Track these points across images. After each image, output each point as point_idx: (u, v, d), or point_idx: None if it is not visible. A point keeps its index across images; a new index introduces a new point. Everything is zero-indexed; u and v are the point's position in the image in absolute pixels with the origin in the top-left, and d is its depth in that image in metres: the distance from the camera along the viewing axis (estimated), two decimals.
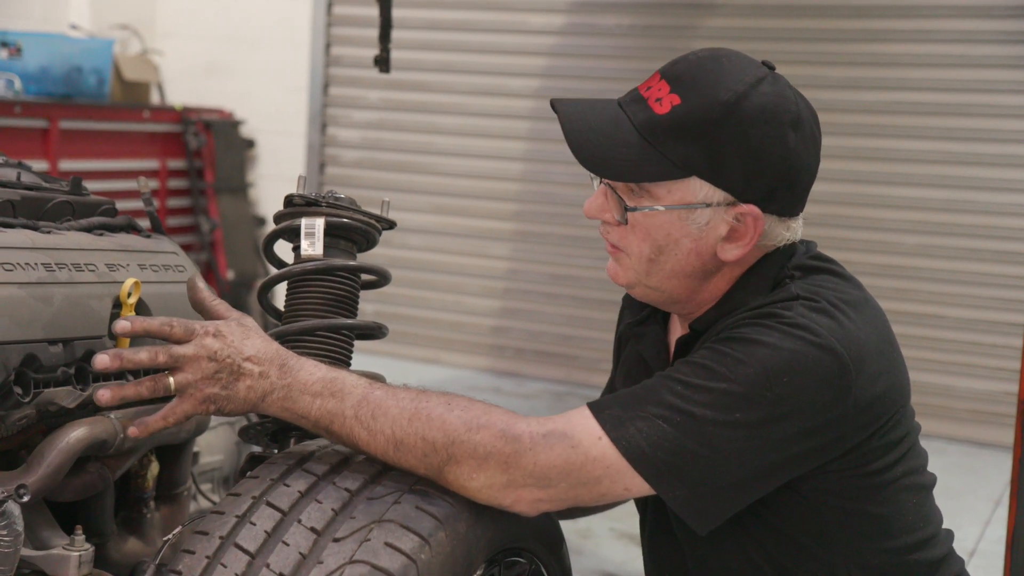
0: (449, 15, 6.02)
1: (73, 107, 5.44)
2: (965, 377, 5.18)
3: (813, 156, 1.61)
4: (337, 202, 1.82)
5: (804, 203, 1.65)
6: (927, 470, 1.71)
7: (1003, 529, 3.37)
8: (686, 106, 1.55)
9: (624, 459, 1.47)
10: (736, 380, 1.47)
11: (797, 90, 1.61)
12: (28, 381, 1.62)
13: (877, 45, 5.22)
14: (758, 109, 1.54)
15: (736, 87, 1.54)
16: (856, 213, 5.29)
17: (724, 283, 1.64)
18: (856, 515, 1.60)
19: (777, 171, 1.56)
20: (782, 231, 1.63)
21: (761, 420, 1.47)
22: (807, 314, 1.53)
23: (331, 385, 1.53)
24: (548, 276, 5.89)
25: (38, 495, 1.63)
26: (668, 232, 1.59)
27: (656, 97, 1.58)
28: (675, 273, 1.62)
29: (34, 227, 1.77)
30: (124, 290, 1.77)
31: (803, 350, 1.49)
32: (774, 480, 1.54)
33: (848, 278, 1.65)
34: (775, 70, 1.61)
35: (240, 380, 1.52)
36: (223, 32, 6.44)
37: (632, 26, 5.67)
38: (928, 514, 1.69)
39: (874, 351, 1.55)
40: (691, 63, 1.59)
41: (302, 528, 1.45)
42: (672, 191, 1.57)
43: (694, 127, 1.54)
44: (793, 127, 1.56)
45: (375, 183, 6.17)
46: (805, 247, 1.69)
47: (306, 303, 1.79)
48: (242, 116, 6.40)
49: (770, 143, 1.54)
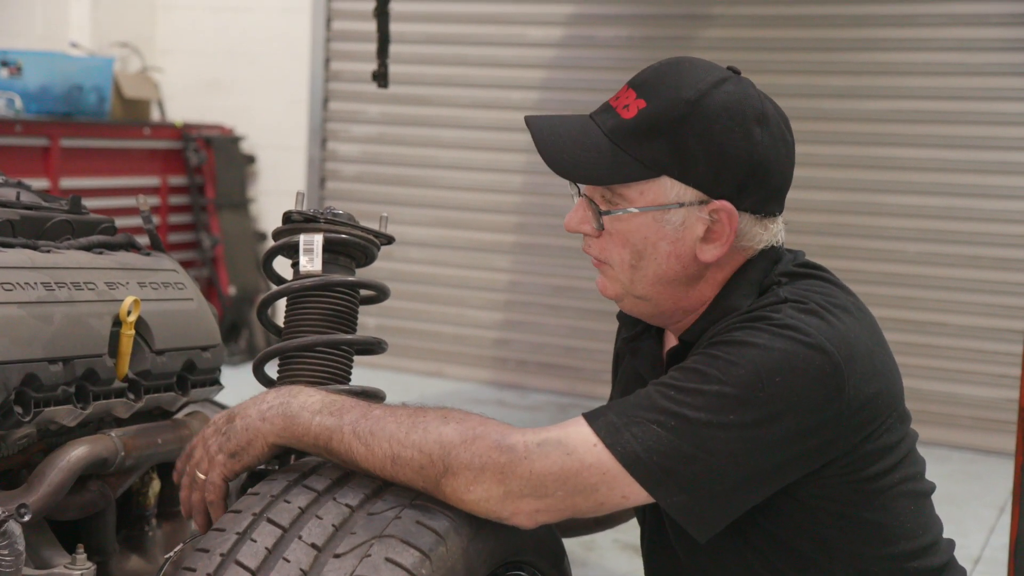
0: (448, 29, 6.03)
1: (74, 125, 5.45)
2: (967, 384, 5.18)
3: (783, 154, 1.62)
4: (335, 218, 1.83)
5: (782, 204, 1.66)
6: (925, 478, 1.71)
7: (1008, 536, 3.37)
8: (651, 108, 1.58)
9: (620, 465, 1.47)
10: (728, 382, 1.48)
11: (764, 93, 1.64)
12: (28, 400, 1.63)
13: (876, 54, 5.23)
14: (721, 106, 1.57)
15: (699, 86, 1.58)
16: (857, 221, 5.30)
17: (710, 290, 1.65)
18: (855, 522, 1.60)
19: (745, 166, 1.58)
20: (759, 231, 1.63)
21: (755, 421, 1.47)
22: (796, 315, 1.54)
23: (330, 405, 1.56)
24: (550, 288, 5.89)
25: (39, 514, 1.64)
26: (645, 235, 1.61)
27: (624, 104, 1.62)
28: (658, 279, 1.63)
29: (34, 246, 1.77)
30: (124, 308, 1.77)
31: (793, 349, 1.49)
32: (772, 484, 1.54)
33: (836, 283, 1.66)
34: (740, 75, 1.64)
35: (235, 420, 1.58)
36: (223, 48, 6.46)
37: (630, 38, 5.68)
38: (927, 521, 1.69)
39: (865, 352, 1.56)
40: (655, 69, 1.64)
41: (303, 544, 1.45)
42: (644, 192, 1.59)
43: (659, 126, 1.57)
44: (758, 123, 1.58)
45: (376, 197, 6.18)
46: (792, 255, 1.70)
47: (305, 319, 1.80)
48: (242, 132, 6.41)
49: (735, 137, 1.57)
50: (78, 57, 5.75)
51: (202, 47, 6.50)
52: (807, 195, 5.31)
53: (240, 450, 1.57)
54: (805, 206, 5.32)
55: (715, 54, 5.24)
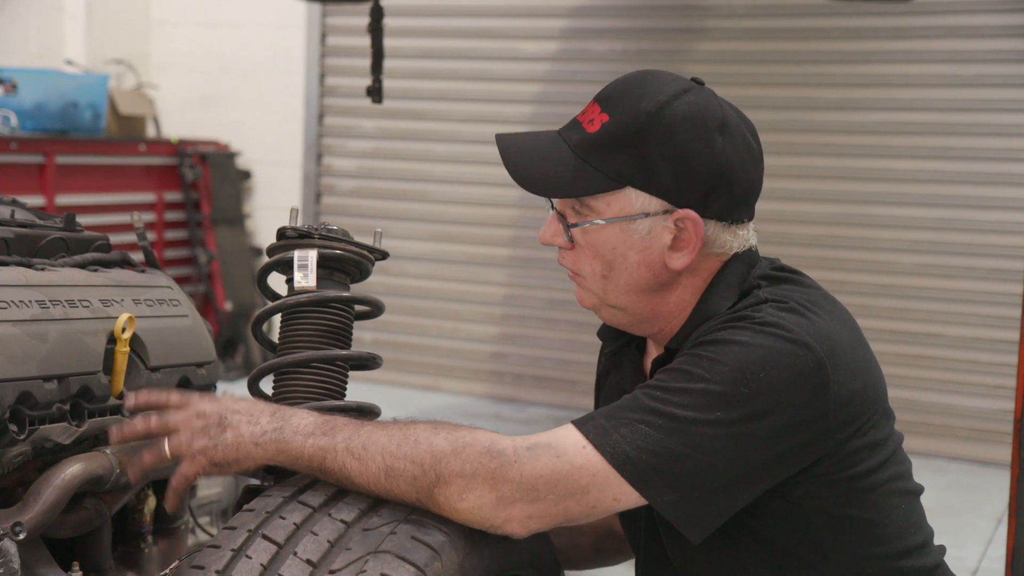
0: (442, 44, 6.05)
1: (69, 142, 5.46)
2: (963, 395, 5.18)
3: (748, 161, 1.64)
4: (330, 234, 1.83)
5: (751, 211, 1.68)
6: (913, 479, 1.72)
7: (1005, 547, 3.37)
8: (613, 121, 1.62)
9: (610, 466, 1.48)
10: (713, 380, 1.50)
11: (728, 102, 1.66)
12: (23, 418, 1.62)
13: (870, 66, 5.25)
14: (681, 116, 1.60)
15: (659, 97, 1.61)
16: (851, 233, 5.31)
17: (689, 295, 1.67)
18: (847, 521, 1.61)
19: (708, 174, 1.60)
20: (728, 238, 1.65)
21: (742, 417, 1.49)
22: (777, 313, 1.56)
23: (323, 426, 1.56)
24: (546, 301, 5.89)
25: (35, 532, 1.63)
26: (613, 246, 1.63)
27: (589, 119, 1.65)
28: (630, 288, 1.65)
29: (28, 264, 1.77)
30: (119, 325, 1.77)
31: (776, 345, 1.52)
32: (762, 482, 1.55)
33: (814, 286, 1.68)
34: (704, 85, 1.67)
35: (226, 430, 1.57)
36: (217, 65, 6.47)
37: (624, 51, 5.70)
38: (918, 520, 1.70)
39: (847, 348, 1.58)
40: (619, 83, 1.67)
41: (298, 561, 1.45)
42: (611, 204, 1.62)
43: (622, 138, 1.60)
44: (719, 131, 1.61)
45: (371, 212, 6.19)
46: (768, 260, 1.73)
47: (300, 335, 1.80)
48: (238, 147, 6.42)
49: (696, 146, 1.59)
50: (73, 74, 5.76)
51: (197, 63, 6.51)
52: (801, 207, 5.32)
53: (225, 464, 1.57)
54: (799, 218, 5.33)
55: (709, 67, 5.29)
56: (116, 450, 1.75)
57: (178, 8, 6.56)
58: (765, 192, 1.73)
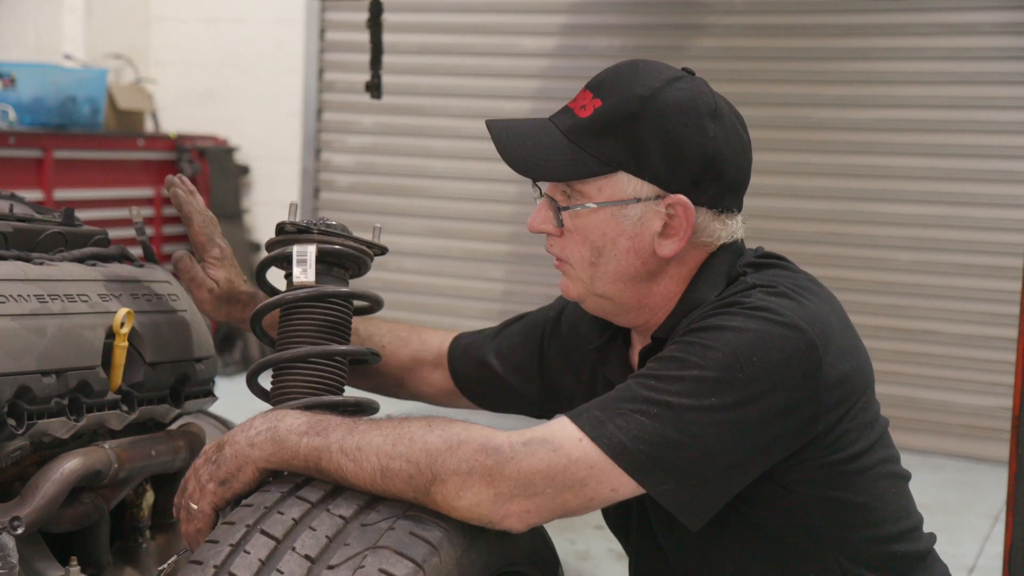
0: (442, 39, 6.04)
1: (67, 137, 5.45)
2: (961, 392, 5.18)
3: (738, 150, 1.66)
4: (329, 229, 1.83)
5: (739, 201, 1.69)
6: (901, 464, 1.74)
7: (1002, 544, 3.37)
8: (606, 106, 1.63)
9: (607, 457, 1.48)
10: (707, 366, 1.50)
11: (718, 92, 1.68)
12: (22, 412, 1.63)
13: (869, 63, 5.25)
14: (673, 102, 1.61)
15: (652, 84, 1.63)
16: (849, 230, 5.31)
17: (675, 285, 1.68)
18: (839, 505, 1.62)
19: (699, 159, 1.61)
20: (717, 227, 1.67)
21: (737, 402, 1.49)
22: (767, 298, 1.57)
23: (316, 425, 1.56)
24: (545, 297, 5.85)
25: (33, 527, 1.63)
26: (604, 231, 1.64)
27: (581, 105, 1.67)
28: (618, 275, 1.66)
29: (27, 259, 1.78)
30: (117, 320, 1.77)
31: (768, 329, 1.52)
32: (757, 466, 1.55)
33: (799, 271, 1.70)
34: (695, 75, 1.68)
35: (224, 448, 1.58)
36: (216, 60, 6.47)
37: (624, 47, 5.69)
38: (908, 505, 1.72)
39: (836, 330, 1.60)
40: (611, 71, 1.69)
41: (296, 556, 1.45)
42: (603, 188, 1.63)
43: (614, 123, 1.62)
44: (711, 118, 1.62)
45: (370, 207, 6.18)
46: (753, 249, 1.74)
47: (299, 330, 1.80)
48: (236, 143, 6.41)
49: (688, 131, 1.60)
50: (72, 69, 5.75)
51: (196, 58, 6.51)
52: (799, 204, 5.32)
53: (230, 477, 1.57)
54: (797, 215, 5.33)
55: (708, 64, 5.28)
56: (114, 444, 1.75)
57: (177, 3, 6.55)
58: (763, 188, 1.74)
